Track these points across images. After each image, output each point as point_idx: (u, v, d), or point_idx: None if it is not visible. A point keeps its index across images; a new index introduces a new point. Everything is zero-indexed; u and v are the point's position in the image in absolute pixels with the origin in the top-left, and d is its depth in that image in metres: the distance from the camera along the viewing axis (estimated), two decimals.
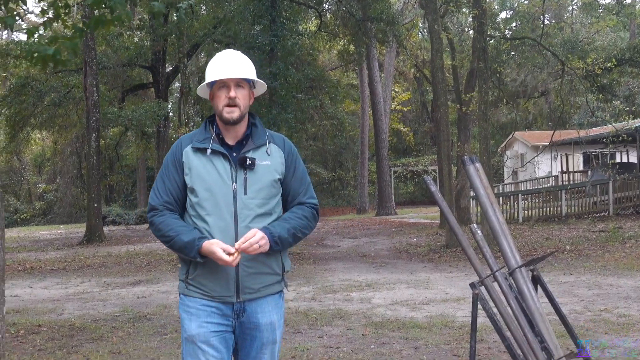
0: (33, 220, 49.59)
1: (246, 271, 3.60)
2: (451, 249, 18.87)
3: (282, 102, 22.13)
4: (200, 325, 3.64)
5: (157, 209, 3.68)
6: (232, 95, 3.63)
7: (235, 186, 3.59)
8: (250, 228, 3.54)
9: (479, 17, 20.29)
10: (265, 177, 3.66)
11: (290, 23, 23.59)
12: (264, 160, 3.67)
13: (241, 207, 3.58)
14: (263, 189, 3.64)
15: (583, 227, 22.52)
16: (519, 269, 4.28)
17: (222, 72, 3.66)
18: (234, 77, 3.65)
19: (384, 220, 34.55)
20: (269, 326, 3.74)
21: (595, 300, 10.51)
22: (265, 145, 3.72)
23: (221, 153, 3.64)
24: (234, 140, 3.72)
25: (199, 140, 3.69)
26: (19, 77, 32.96)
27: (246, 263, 3.58)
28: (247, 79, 3.73)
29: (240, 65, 3.71)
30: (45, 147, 54.43)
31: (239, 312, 3.66)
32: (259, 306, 3.70)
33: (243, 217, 3.58)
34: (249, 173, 3.63)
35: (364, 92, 43.31)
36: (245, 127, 3.75)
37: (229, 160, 3.64)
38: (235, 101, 3.64)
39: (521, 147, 45.11)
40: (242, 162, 3.62)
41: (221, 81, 3.67)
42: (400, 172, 50.81)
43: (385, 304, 11.01)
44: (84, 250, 23.60)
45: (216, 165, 3.63)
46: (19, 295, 13.49)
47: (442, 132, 21.40)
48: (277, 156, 3.74)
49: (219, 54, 3.78)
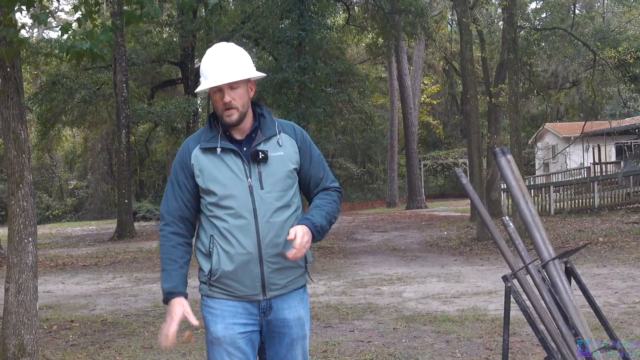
0: (65, 217, 50.07)
1: (271, 267, 3.51)
2: (482, 242, 18.76)
3: (311, 96, 22.12)
4: (226, 327, 3.56)
5: (165, 221, 3.63)
6: (227, 100, 3.48)
7: (250, 182, 3.50)
8: (270, 223, 3.48)
9: (508, 8, 20.11)
10: (280, 169, 3.55)
11: (318, 17, 23.56)
12: (276, 152, 3.56)
13: (259, 202, 3.48)
14: (279, 182, 3.54)
15: (616, 218, 22.29)
16: (552, 261, 4.21)
17: (212, 79, 3.51)
18: (225, 82, 3.48)
19: (414, 214, 34.45)
20: (298, 322, 3.65)
21: (629, 293, 10.38)
22: (275, 135, 3.60)
23: (231, 150, 3.53)
24: (242, 134, 3.60)
25: (206, 139, 3.58)
26: (49, 74, 33.22)
27: (270, 259, 3.50)
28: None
29: (230, 66, 3.53)
30: (76, 143, 54.90)
31: (265, 310, 3.58)
32: (285, 302, 3.62)
33: (262, 212, 3.48)
34: (262, 167, 3.52)
35: (393, 85, 43.17)
36: (251, 119, 3.63)
37: (241, 156, 3.53)
38: (232, 104, 3.50)
39: (552, 138, 44.73)
40: (255, 156, 3.51)
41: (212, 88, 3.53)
42: (430, 165, 50.62)
43: (417, 297, 10.97)
44: (115, 246, 23.78)
45: (228, 163, 3.52)
46: (51, 291, 13.62)
47: (472, 125, 21.26)
48: (289, 145, 3.62)
49: (209, 52, 3.64)
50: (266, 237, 3.48)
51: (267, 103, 23.17)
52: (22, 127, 6.98)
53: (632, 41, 26.40)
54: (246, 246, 3.47)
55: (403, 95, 41.06)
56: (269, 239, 3.49)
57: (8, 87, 6.87)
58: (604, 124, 33.74)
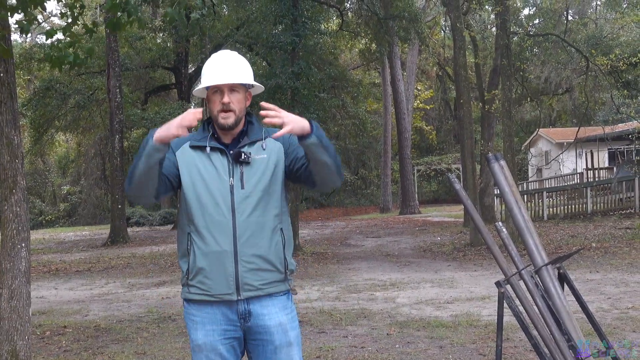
0: (58, 222, 49.97)
1: (245, 267, 3.53)
2: (475, 248, 18.78)
3: (305, 102, 22.08)
4: (206, 334, 3.60)
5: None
6: (226, 100, 3.57)
7: (232, 181, 3.56)
8: (248, 222, 3.53)
9: (501, 14, 20.17)
10: (262, 171, 3.61)
11: (312, 22, 23.52)
12: (259, 154, 3.62)
13: (239, 201, 3.54)
14: (260, 183, 3.59)
15: (609, 224, 22.33)
16: (545, 267, 4.23)
17: (215, 78, 3.59)
18: (227, 82, 3.58)
19: (407, 219, 34.46)
20: (279, 328, 3.63)
21: (622, 298, 10.41)
22: (261, 140, 3.66)
23: (219, 149, 3.62)
24: (230, 138, 3.67)
25: (196, 139, 3.66)
26: (42, 79, 33.18)
27: (245, 258, 3.52)
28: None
29: (234, 69, 3.63)
30: (69, 149, 54.82)
31: (245, 316, 3.59)
32: (264, 308, 3.61)
33: (241, 211, 3.54)
34: (245, 167, 3.58)
35: (387, 91, 43.21)
36: (241, 126, 3.70)
37: (227, 156, 3.60)
38: (230, 106, 3.58)
39: (545, 144, 44.82)
40: (237, 157, 3.58)
41: (215, 86, 3.61)
42: (424, 170, 50.65)
43: (410, 303, 10.97)
44: (108, 252, 23.73)
45: (214, 162, 3.60)
46: (44, 297, 13.59)
47: (465, 130, 21.30)
48: (274, 149, 3.67)
49: (214, 56, 3.72)
50: (243, 236, 3.52)
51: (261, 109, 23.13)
52: (16, 133, 6.97)
53: (625, 47, 26.47)
54: (221, 243, 3.51)
55: (396, 100, 41.10)
56: (245, 238, 3.53)
57: (1, 93, 6.86)
58: (597, 129, 33.82)
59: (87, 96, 33.09)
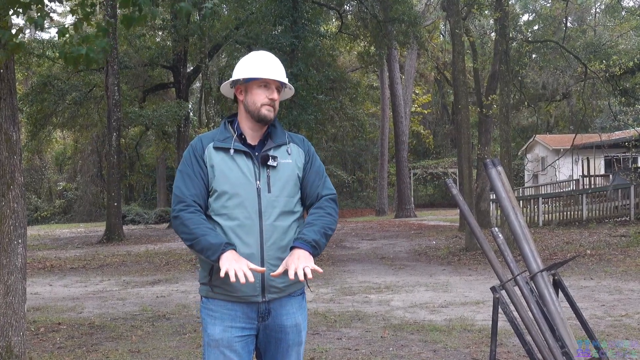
0: (53, 219, 49.95)
1: (272, 270, 3.54)
2: (470, 252, 18.81)
3: (303, 103, 22.11)
4: (224, 330, 3.61)
5: (185, 202, 3.57)
6: (275, 97, 3.69)
7: (259, 184, 3.59)
8: (275, 226, 3.57)
9: (501, 19, 20.19)
10: (288, 176, 3.66)
11: (311, 24, 23.56)
12: (285, 159, 3.68)
13: (265, 204, 3.57)
14: (286, 187, 3.64)
15: (604, 231, 22.36)
16: (540, 273, 4.25)
17: (267, 72, 3.68)
18: (279, 79, 3.70)
19: (403, 223, 34.48)
20: (295, 328, 3.74)
21: (616, 306, 10.43)
22: (285, 144, 3.72)
23: (244, 152, 3.63)
24: (255, 140, 3.71)
25: (220, 139, 3.67)
26: (40, 75, 33.15)
27: (272, 261, 3.55)
28: (282, 82, 3.77)
29: (282, 69, 3.77)
30: (66, 145, 54.79)
31: (264, 315, 3.64)
32: (283, 308, 3.68)
33: (267, 214, 3.57)
34: (271, 171, 3.62)
35: (385, 94, 43.23)
36: (265, 128, 3.77)
37: (252, 159, 3.63)
38: (274, 103, 3.70)
39: (542, 150, 44.87)
40: (265, 160, 3.62)
41: (264, 80, 3.68)
42: (420, 174, 50.69)
43: (404, 306, 10.99)
44: (103, 249, 23.73)
45: (239, 164, 3.60)
46: (39, 293, 13.58)
47: (462, 135, 21.33)
48: (297, 154, 3.74)
49: (256, 53, 3.81)
50: (269, 239, 3.56)
51: None
52: (14, 129, 6.97)
53: (623, 55, 26.53)
54: (249, 246, 3.53)
55: (394, 104, 41.13)
56: (271, 241, 3.57)
57: (1, 89, 6.87)
58: (593, 136, 33.85)
59: (84, 93, 33.08)
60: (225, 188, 3.57)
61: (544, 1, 37.91)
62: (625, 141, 30.64)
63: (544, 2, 38.21)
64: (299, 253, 3.46)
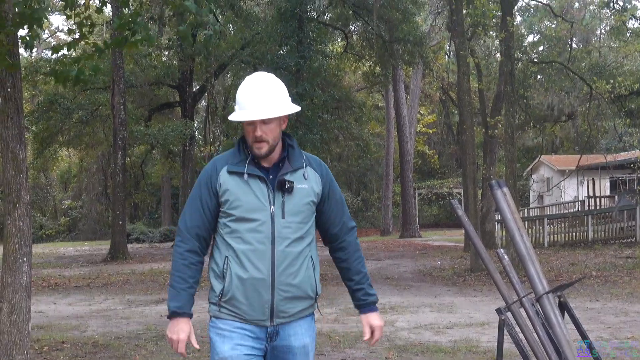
0: (58, 237, 49.96)
1: (282, 295, 3.57)
2: (475, 273, 18.74)
3: (308, 123, 22.21)
4: (233, 348, 3.59)
5: (181, 236, 3.66)
6: (258, 134, 3.55)
7: (273, 209, 3.56)
8: (286, 252, 3.57)
9: (506, 40, 20.24)
10: (302, 201, 3.63)
11: (317, 44, 23.70)
12: (301, 184, 3.63)
13: (279, 230, 3.55)
14: (300, 213, 3.62)
15: (609, 253, 22.30)
16: (546, 295, 4.23)
17: (247, 112, 3.56)
18: (257, 118, 3.53)
19: (407, 243, 34.41)
20: (302, 349, 3.73)
21: (622, 328, 10.38)
22: (302, 168, 3.67)
23: (258, 176, 3.59)
24: (269, 162, 3.65)
25: (233, 163, 3.63)
26: (47, 93, 33.26)
27: (282, 287, 3.57)
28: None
29: (267, 101, 3.57)
30: (71, 164, 54.89)
31: (272, 335, 3.64)
32: (292, 329, 3.69)
33: (280, 240, 3.56)
34: (286, 197, 3.59)
35: (390, 114, 43.29)
36: (280, 149, 3.69)
37: (267, 183, 3.59)
38: (262, 138, 3.56)
39: (547, 171, 44.85)
40: (281, 186, 3.58)
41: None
42: (425, 194, 50.65)
43: (409, 327, 10.95)
44: (107, 268, 23.70)
45: (253, 189, 3.57)
46: (43, 312, 13.56)
47: (467, 155, 21.32)
48: (314, 179, 3.70)
49: (248, 83, 3.66)
50: (280, 265, 3.56)
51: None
52: (21, 147, 7.00)
53: (629, 76, 26.55)
54: (260, 271, 3.53)
55: (399, 123, 41.19)
56: (283, 267, 3.56)
57: (8, 107, 6.90)
58: (599, 157, 33.84)
59: (91, 112, 33.16)
60: (238, 213, 3.56)
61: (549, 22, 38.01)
62: (630, 162, 30.60)
63: (549, 23, 38.31)
64: (378, 317, 4.02)
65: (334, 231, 3.82)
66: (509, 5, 21.03)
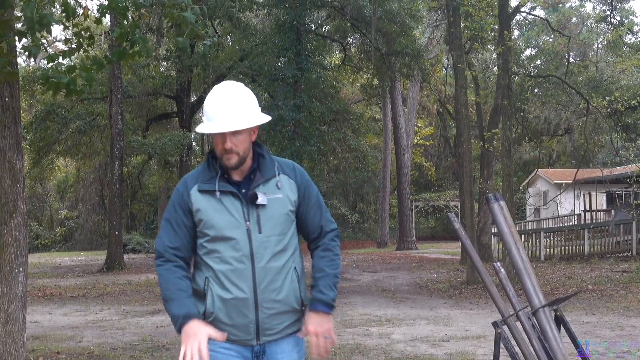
0: (54, 247, 49.86)
1: (266, 313, 3.46)
2: (472, 286, 18.74)
3: (306, 134, 22.22)
4: None
5: (164, 257, 3.52)
6: (227, 146, 3.41)
7: (249, 225, 3.43)
8: (267, 268, 3.44)
9: (503, 54, 20.30)
10: (279, 212, 3.49)
11: (314, 56, 23.75)
12: (275, 194, 3.49)
13: (257, 246, 3.43)
14: (278, 225, 3.49)
15: (606, 266, 22.31)
16: (542, 308, 4.24)
17: (214, 124, 3.41)
18: (225, 131, 3.39)
19: (404, 255, 34.40)
20: None
21: (618, 342, 10.37)
22: (274, 177, 3.52)
23: (230, 192, 3.47)
24: (240, 175, 3.53)
25: (204, 180, 3.50)
26: (44, 103, 33.26)
27: (266, 305, 3.45)
28: None
29: (234, 112, 3.42)
30: (68, 173, 54.83)
31: (258, 355, 3.54)
32: (278, 347, 3.56)
33: (259, 257, 3.43)
34: (261, 210, 3.46)
35: (387, 126, 43.35)
36: (251, 161, 3.55)
37: (240, 199, 3.46)
38: (232, 149, 3.42)
39: (544, 184, 44.89)
40: (253, 199, 3.45)
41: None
42: (422, 206, 50.64)
43: (405, 339, 10.93)
44: (103, 278, 23.66)
45: (226, 206, 3.45)
46: (38, 322, 13.53)
47: (464, 168, 21.35)
48: (288, 187, 3.55)
49: (215, 93, 3.50)
50: (262, 282, 3.44)
51: (262, 140, 23.25)
52: (18, 157, 7.01)
53: (625, 91, 26.65)
54: (242, 291, 3.42)
55: (396, 136, 41.23)
56: (265, 284, 3.44)
57: (5, 117, 6.91)
58: (595, 171, 33.89)
59: (88, 122, 33.14)
60: (214, 232, 3.44)
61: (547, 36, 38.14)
62: (627, 177, 30.66)
63: (546, 37, 38.46)
64: (322, 320, 3.55)
65: (312, 236, 3.69)
66: (506, 19, 21.10)
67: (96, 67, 7.03)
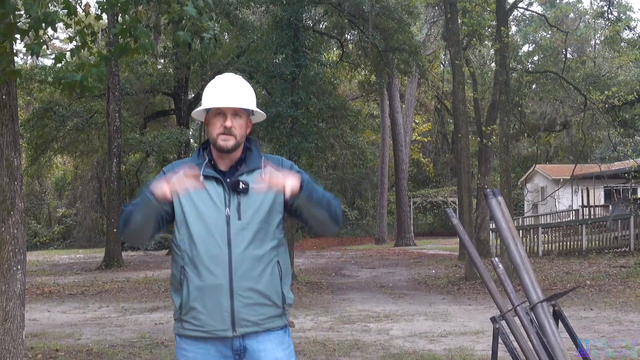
0: (52, 244, 49.81)
1: (242, 302, 3.39)
2: (470, 282, 18.76)
3: (304, 131, 22.16)
4: None
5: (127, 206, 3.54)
6: (228, 125, 3.45)
7: (228, 211, 3.42)
8: (245, 255, 3.39)
9: (501, 50, 20.31)
10: (261, 200, 3.46)
11: (312, 53, 23.67)
12: (258, 184, 3.46)
13: (235, 232, 3.40)
14: (259, 213, 3.45)
15: (604, 262, 22.32)
16: (541, 304, 4.24)
17: (219, 100, 3.47)
18: (232, 106, 3.47)
19: (402, 251, 34.42)
20: None
21: (616, 337, 10.39)
22: (259, 168, 3.52)
23: (214, 178, 3.47)
24: (227, 166, 3.54)
25: (191, 166, 3.50)
26: (42, 101, 33.25)
27: (242, 293, 3.38)
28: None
29: (240, 93, 3.53)
30: (66, 171, 54.79)
31: (239, 352, 3.46)
32: (260, 344, 3.47)
33: (237, 243, 3.40)
34: (242, 197, 3.44)
35: (385, 122, 43.35)
36: (240, 152, 3.57)
37: (223, 185, 3.46)
38: (232, 131, 3.46)
39: (542, 180, 44.92)
40: (235, 186, 3.44)
41: (217, 108, 3.50)
42: (420, 202, 50.66)
43: (404, 335, 10.94)
44: (102, 275, 23.66)
45: (209, 191, 3.45)
46: (37, 319, 13.53)
47: (462, 164, 21.36)
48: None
49: (218, 78, 3.61)
50: (239, 269, 3.39)
51: (260, 137, 23.23)
52: (16, 155, 6.99)
53: (623, 86, 26.65)
54: (216, 276, 3.38)
55: (394, 132, 41.24)
56: (242, 271, 3.39)
57: (3, 115, 6.89)
58: (593, 167, 33.92)
59: (86, 119, 33.16)
60: (192, 216, 3.44)
61: (544, 32, 38.14)
62: (624, 172, 30.69)
63: (544, 33, 38.45)
64: (289, 172, 3.42)
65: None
66: (504, 15, 21.11)
67: (104, 62, 7.03)
